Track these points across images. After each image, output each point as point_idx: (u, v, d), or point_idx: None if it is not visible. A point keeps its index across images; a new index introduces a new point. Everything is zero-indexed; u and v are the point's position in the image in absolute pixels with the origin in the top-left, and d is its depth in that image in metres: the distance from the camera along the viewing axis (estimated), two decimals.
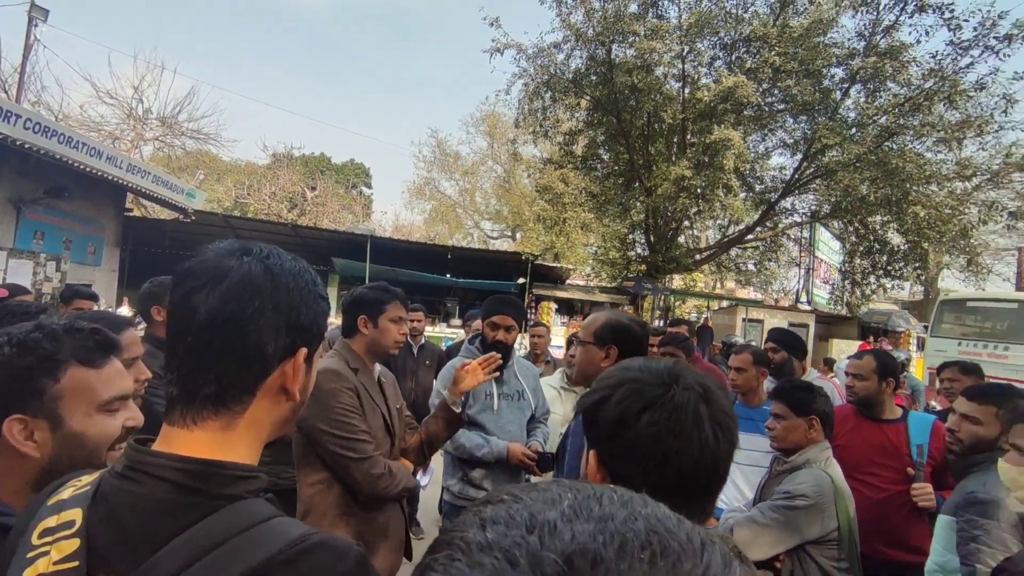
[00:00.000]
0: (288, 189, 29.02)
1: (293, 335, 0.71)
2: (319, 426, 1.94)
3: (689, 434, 0.78)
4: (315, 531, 0.64)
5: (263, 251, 0.71)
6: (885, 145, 11.99)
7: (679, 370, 0.85)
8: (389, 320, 2.14)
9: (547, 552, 0.28)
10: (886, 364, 2.84)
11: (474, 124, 31.48)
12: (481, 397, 2.79)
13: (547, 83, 13.63)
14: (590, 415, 0.86)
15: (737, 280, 20.44)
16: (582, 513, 0.31)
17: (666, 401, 0.80)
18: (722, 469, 0.81)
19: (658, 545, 0.29)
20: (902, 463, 2.66)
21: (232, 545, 0.59)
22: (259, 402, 0.70)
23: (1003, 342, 9.22)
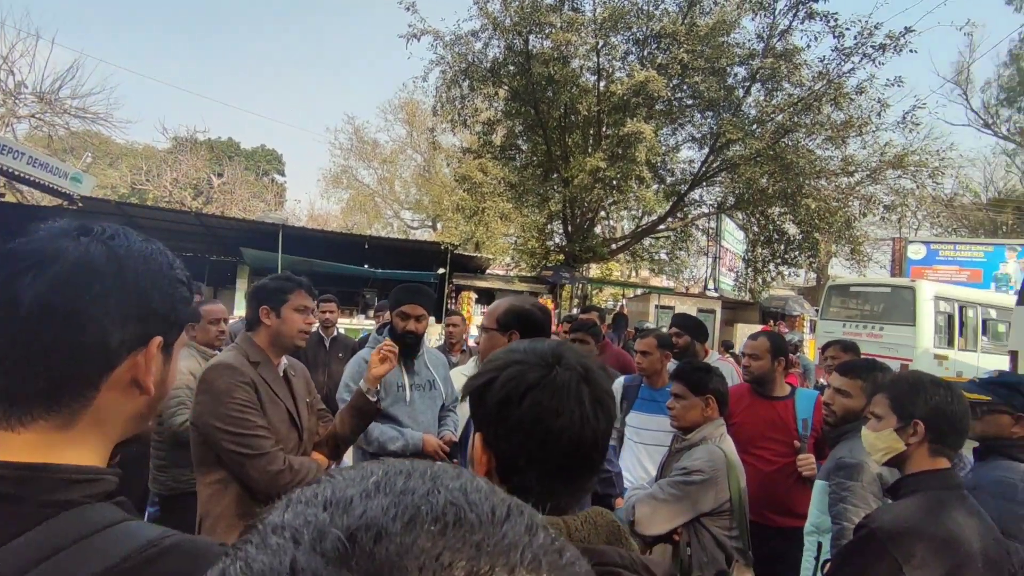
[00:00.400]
0: (192, 175, 27.19)
1: (144, 324, 0.64)
2: (213, 423, 1.85)
3: (571, 413, 0.80)
4: (172, 534, 0.59)
5: (106, 231, 0.64)
6: (782, 141, 12.88)
7: (562, 351, 0.88)
8: (293, 310, 2.06)
9: (332, 528, 0.28)
10: (778, 344, 3.07)
11: (392, 111, 30.80)
12: (393, 389, 2.75)
13: (465, 71, 13.55)
14: (476, 398, 0.87)
15: (651, 269, 21.34)
16: (384, 489, 0.31)
17: (549, 382, 0.82)
18: (602, 444, 0.84)
19: (452, 517, 0.29)
20: (790, 436, 2.89)
21: (66, 556, 0.52)
22: (104, 397, 0.63)
23: (879, 323, 10.19)
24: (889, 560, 1.40)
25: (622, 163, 12.42)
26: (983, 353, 9.91)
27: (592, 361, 0.88)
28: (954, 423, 1.56)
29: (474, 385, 0.87)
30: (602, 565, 0.75)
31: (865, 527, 1.51)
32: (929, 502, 1.48)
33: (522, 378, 0.82)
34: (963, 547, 1.38)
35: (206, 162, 28.33)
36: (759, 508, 2.67)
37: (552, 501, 0.81)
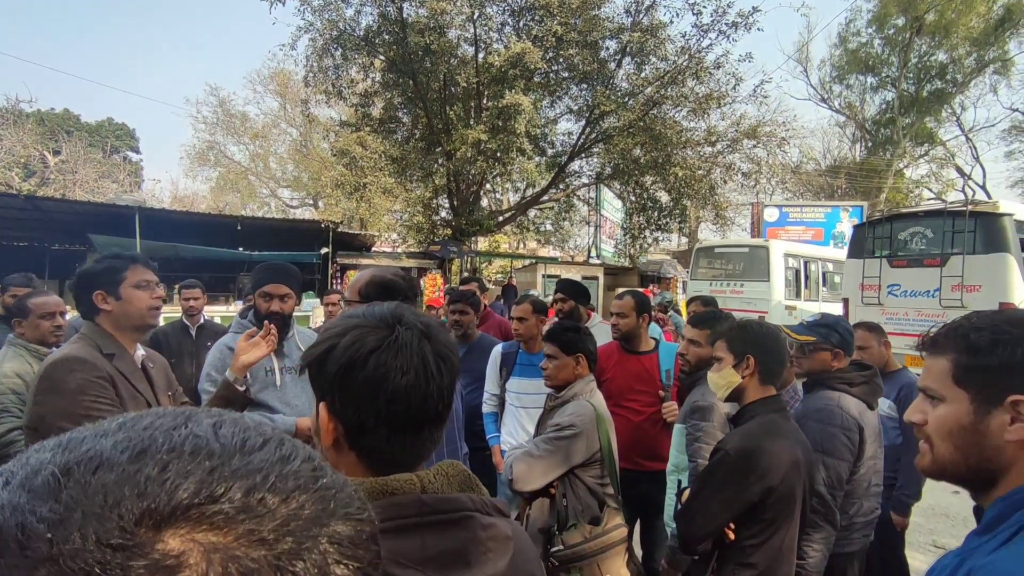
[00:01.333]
0: (20, 152, 23.67)
1: None
2: (59, 424, 1.63)
3: (416, 370, 0.82)
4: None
5: None
6: (652, 113, 13.60)
7: (400, 311, 0.88)
8: (132, 287, 1.88)
9: (47, 466, 0.27)
10: (641, 302, 3.27)
11: (262, 82, 28.68)
12: (261, 374, 2.60)
13: (336, 39, 12.88)
14: (317, 366, 0.85)
15: (537, 240, 21.88)
16: (125, 428, 0.30)
17: (391, 342, 0.82)
18: (447, 398, 0.87)
19: (191, 447, 0.29)
20: (655, 387, 3.12)
21: None
22: None
23: (740, 280, 11.24)
24: (741, 475, 1.69)
25: (503, 135, 12.50)
26: (823, 302, 11.26)
27: (431, 318, 0.90)
28: (775, 355, 1.88)
29: (314, 354, 0.85)
30: (456, 511, 0.79)
31: (720, 450, 1.79)
32: (765, 424, 1.79)
33: (363, 341, 0.82)
34: (791, 454, 1.72)
35: (38, 137, 24.80)
36: (630, 455, 2.87)
37: (403, 458, 0.82)
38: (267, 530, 0.27)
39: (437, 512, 0.76)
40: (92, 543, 0.24)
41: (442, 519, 0.76)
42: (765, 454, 1.69)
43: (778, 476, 1.68)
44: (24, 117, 24.98)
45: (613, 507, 2.25)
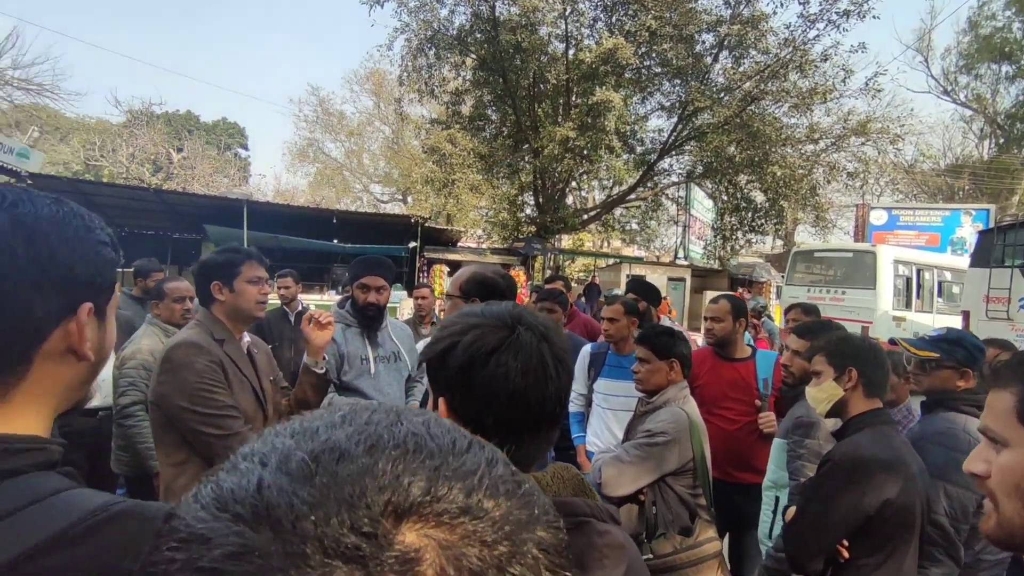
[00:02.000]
0: (150, 150, 26.21)
1: (68, 292, 0.62)
2: (178, 403, 1.80)
3: (536, 371, 0.83)
4: (120, 501, 0.58)
5: (7, 198, 0.61)
6: (749, 109, 12.97)
7: (520, 312, 0.89)
8: (246, 282, 2.00)
9: (298, 452, 0.29)
10: (738, 306, 3.13)
11: (359, 82, 30.03)
12: (356, 362, 2.72)
13: (430, 39, 13.24)
14: (437, 363, 0.87)
15: (622, 239, 21.50)
16: (348, 421, 0.32)
17: (512, 342, 0.83)
18: (564, 400, 0.87)
19: (413, 444, 0.30)
20: (751, 396, 2.97)
21: (10, 523, 0.52)
22: (40, 368, 0.62)
23: (841, 287, 10.49)
24: (852, 485, 1.59)
25: (592, 132, 12.37)
26: (938, 314, 10.30)
27: (548, 319, 0.90)
28: (878, 367, 1.78)
29: (435, 350, 0.87)
30: (573, 516, 0.79)
31: (828, 461, 1.69)
32: (875, 434, 1.68)
33: (484, 340, 0.83)
34: (907, 468, 1.60)
35: (164, 136, 27.32)
36: (722, 465, 2.76)
37: (519, 458, 0.83)
38: (486, 532, 0.28)
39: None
40: (347, 528, 0.26)
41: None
42: (880, 463, 1.59)
43: (895, 487, 1.56)
44: (155, 118, 27.62)
45: (706, 519, 2.16)
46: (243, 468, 0.29)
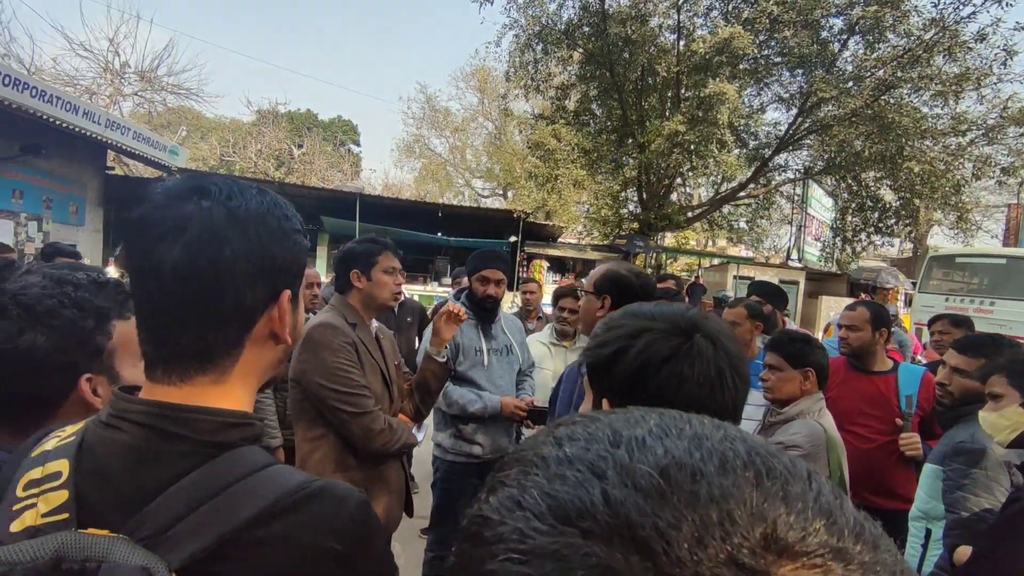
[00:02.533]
0: (274, 147, 28.40)
1: (273, 279, 0.66)
2: (317, 380, 1.91)
3: (712, 381, 0.78)
4: (317, 479, 0.62)
5: (223, 191, 0.64)
6: (882, 99, 11.81)
7: (695, 317, 0.84)
8: (383, 272, 2.10)
9: (638, 464, 0.26)
10: (879, 315, 2.85)
11: (464, 79, 30.74)
12: (471, 353, 2.77)
13: (539, 34, 13.24)
14: (603, 366, 0.84)
15: (728, 238, 20.46)
16: (671, 431, 0.29)
17: (687, 351, 0.79)
18: (740, 412, 0.83)
19: (762, 465, 0.26)
20: (891, 413, 2.70)
21: (228, 495, 0.56)
22: (248, 352, 0.66)
23: (990, 297, 9.32)
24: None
25: (703, 126, 11.82)
26: None
27: (725, 326, 0.84)
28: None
29: (601, 354, 0.84)
30: None
31: (1018, 500, 1.45)
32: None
33: (657, 347, 0.80)
34: None
35: (287, 133, 29.48)
36: (855, 488, 2.52)
37: None
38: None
39: None
40: (725, 558, 0.23)
41: None
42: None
43: None
44: (279, 117, 29.90)
45: None
46: (571, 477, 0.27)
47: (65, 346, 0.87)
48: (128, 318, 0.96)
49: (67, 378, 0.88)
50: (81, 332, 0.89)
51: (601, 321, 0.90)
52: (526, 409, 2.78)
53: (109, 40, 19.79)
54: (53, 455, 0.60)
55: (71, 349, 0.88)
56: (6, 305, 0.86)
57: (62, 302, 0.89)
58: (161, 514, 0.55)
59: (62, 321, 0.88)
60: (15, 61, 17.34)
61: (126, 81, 20.65)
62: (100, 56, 19.81)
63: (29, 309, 0.86)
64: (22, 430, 0.87)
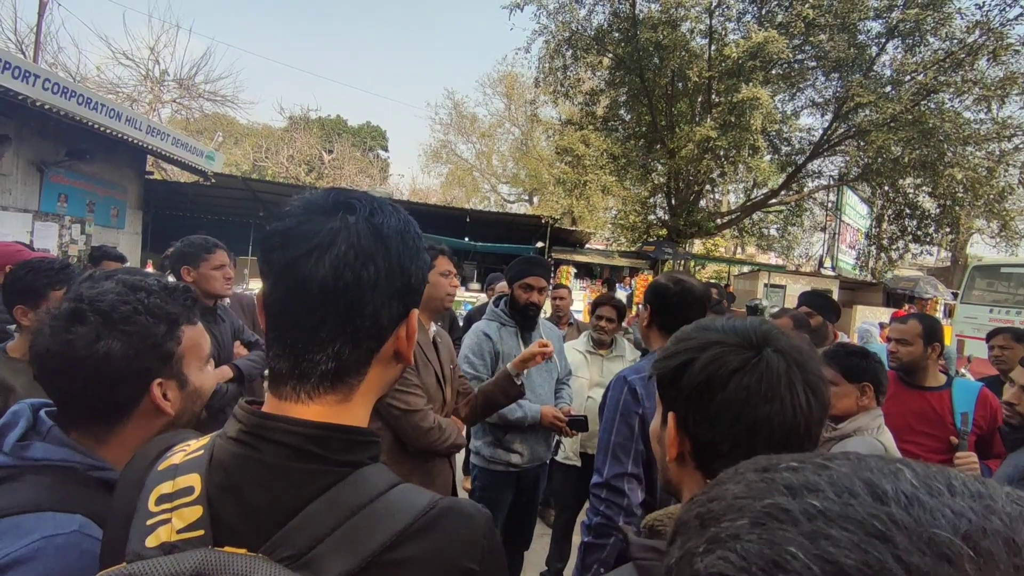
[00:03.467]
0: (305, 152, 28.92)
1: (405, 299, 0.65)
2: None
3: (782, 398, 0.75)
4: (442, 497, 0.61)
5: (366, 208, 0.63)
6: (922, 104, 11.50)
7: (768, 331, 0.80)
8: (439, 274, 2.14)
9: (934, 529, 0.24)
10: (932, 328, 2.74)
11: (491, 85, 30.88)
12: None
13: (568, 40, 13.23)
14: (670, 378, 0.82)
15: (758, 245, 20.12)
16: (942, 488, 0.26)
17: (755, 365, 0.76)
18: (814, 433, 0.77)
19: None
20: (945, 431, 2.59)
21: (363, 517, 0.56)
22: (374, 371, 0.66)
23: None
24: None
25: (734, 132, 11.66)
26: None
27: (803, 343, 0.80)
28: None
29: (668, 365, 0.82)
30: None
31: None
32: None
33: (725, 360, 0.77)
34: None
35: (317, 139, 29.99)
36: None
37: None
38: None
39: None
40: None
41: None
42: None
43: None
44: (310, 123, 30.44)
45: None
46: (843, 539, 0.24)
47: (139, 352, 0.89)
48: (195, 323, 0.98)
49: (140, 383, 0.89)
50: (154, 338, 0.90)
51: (674, 334, 0.87)
52: (565, 418, 2.74)
53: (150, 49, 20.46)
54: (184, 468, 0.60)
55: (144, 355, 0.89)
56: (84, 312, 0.87)
57: (136, 308, 0.90)
58: (301, 534, 0.54)
59: (137, 327, 0.89)
60: (62, 70, 17.98)
61: (165, 88, 21.27)
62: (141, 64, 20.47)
63: (106, 316, 0.88)
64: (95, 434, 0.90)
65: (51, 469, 0.83)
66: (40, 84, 7.91)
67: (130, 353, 0.88)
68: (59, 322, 0.89)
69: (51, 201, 9.67)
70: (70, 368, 0.86)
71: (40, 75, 8.06)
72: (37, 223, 9.21)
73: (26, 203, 9.23)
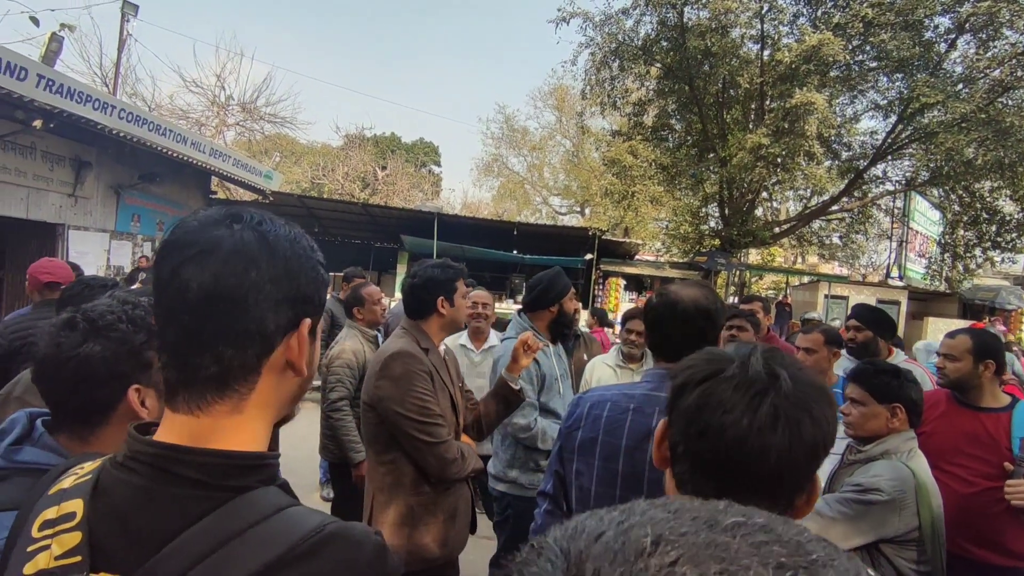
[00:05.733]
0: (360, 169, 29.86)
1: (295, 307, 0.65)
2: (396, 409, 1.94)
3: (739, 413, 0.75)
4: (332, 521, 0.61)
5: (254, 217, 0.65)
6: (998, 101, 10.77)
7: (759, 352, 0.82)
8: (460, 296, 2.16)
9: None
10: (985, 344, 2.54)
11: (542, 98, 31.07)
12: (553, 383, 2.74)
13: (615, 51, 13.16)
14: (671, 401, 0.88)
15: (820, 254, 19.24)
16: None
17: (723, 379, 0.79)
18: (774, 462, 0.74)
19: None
20: (998, 456, 2.39)
21: (243, 540, 0.56)
22: (265, 380, 0.65)
23: None
24: None
25: (788, 138, 11.25)
26: None
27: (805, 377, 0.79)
28: None
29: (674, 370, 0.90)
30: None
31: None
32: None
33: (698, 369, 0.82)
34: None
35: (372, 156, 30.93)
36: (952, 536, 2.27)
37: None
38: None
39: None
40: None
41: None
42: None
43: None
44: (365, 141, 31.46)
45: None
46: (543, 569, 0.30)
47: (117, 356, 0.97)
48: None
49: (119, 386, 0.97)
50: (132, 344, 0.99)
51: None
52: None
53: (217, 76, 21.72)
54: (70, 494, 0.61)
55: (122, 359, 0.98)
56: (77, 320, 0.98)
57: (120, 318, 0.99)
58: (173, 561, 0.54)
59: (117, 333, 0.98)
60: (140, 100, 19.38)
61: (230, 112, 22.52)
62: (209, 91, 21.78)
63: (92, 323, 0.98)
64: (81, 436, 0.98)
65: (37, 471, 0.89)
66: (116, 113, 8.56)
67: (108, 356, 0.96)
68: (54, 329, 0.99)
69: (126, 221, 10.40)
70: (57, 369, 0.96)
71: (116, 105, 8.72)
72: (113, 241, 9.93)
73: (104, 223, 9.96)
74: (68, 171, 9.03)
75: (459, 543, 2.15)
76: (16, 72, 6.84)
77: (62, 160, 8.90)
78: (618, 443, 1.42)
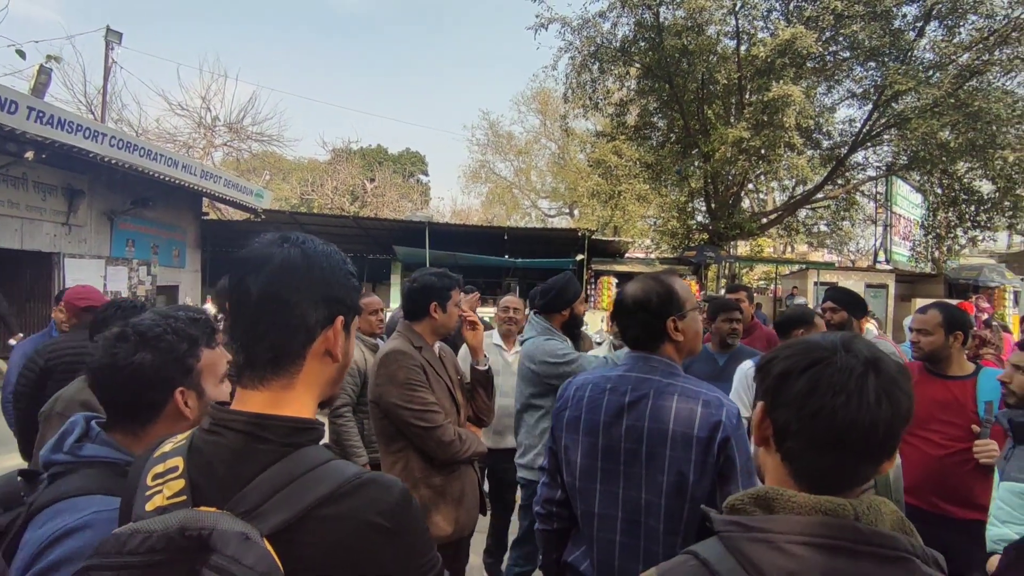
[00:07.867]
0: (348, 182, 29.97)
1: (330, 306, 0.84)
2: (394, 401, 2.16)
3: (849, 393, 0.83)
4: (369, 471, 0.79)
5: (300, 239, 0.85)
6: (967, 85, 11.07)
7: (850, 340, 0.90)
8: (453, 304, 2.36)
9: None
10: (953, 316, 2.72)
11: (525, 102, 31.38)
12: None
13: (594, 54, 13.40)
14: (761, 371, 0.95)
15: (808, 243, 19.53)
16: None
17: (830, 362, 0.85)
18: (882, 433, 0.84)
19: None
20: (966, 420, 2.56)
21: (303, 482, 0.74)
22: (309, 364, 0.83)
23: None
24: None
25: (769, 131, 11.50)
26: None
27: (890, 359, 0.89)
28: None
29: (762, 360, 0.96)
30: (894, 550, 0.77)
31: None
32: None
33: (803, 356, 0.88)
34: None
35: (360, 169, 31.06)
36: (927, 495, 2.45)
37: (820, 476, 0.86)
38: None
39: (872, 544, 0.76)
40: None
41: (878, 552, 0.76)
42: None
43: None
44: (352, 154, 31.58)
45: None
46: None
47: (165, 363, 1.14)
48: (213, 347, 1.23)
49: (166, 389, 1.15)
50: (177, 352, 1.16)
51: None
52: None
53: (202, 98, 21.84)
54: (171, 454, 0.81)
55: (169, 366, 1.15)
56: (128, 333, 1.16)
57: (165, 330, 1.17)
58: (253, 496, 0.73)
59: (164, 344, 1.15)
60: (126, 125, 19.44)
61: (216, 133, 22.63)
62: (195, 113, 21.88)
63: (142, 335, 1.15)
64: (133, 432, 1.16)
65: (98, 464, 1.09)
66: (107, 141, 8.68)
67: (158, 364, 1.14)
68: (108, 342, 1.17)
69: (120, 246, 10.49)
70: (114, 376, 1.13)
71: (107, 133, 8.83)
72: (109, 268, 10.01)
73: (99, 250, 10.05)
74: (61, 200, 9.13)
75: (469, 523, 2.35)
76: (7, 106, 6.96)
77: (54, 189, 9.01)
78: (597, 419, 1.60)
